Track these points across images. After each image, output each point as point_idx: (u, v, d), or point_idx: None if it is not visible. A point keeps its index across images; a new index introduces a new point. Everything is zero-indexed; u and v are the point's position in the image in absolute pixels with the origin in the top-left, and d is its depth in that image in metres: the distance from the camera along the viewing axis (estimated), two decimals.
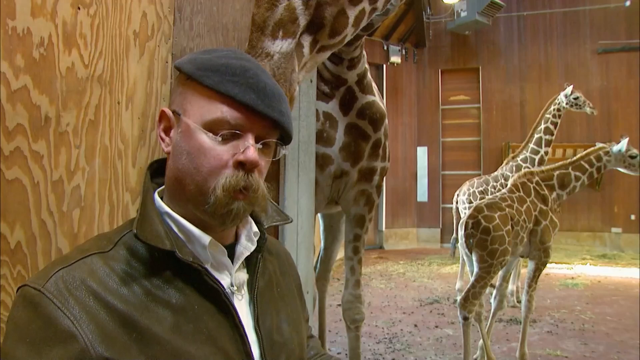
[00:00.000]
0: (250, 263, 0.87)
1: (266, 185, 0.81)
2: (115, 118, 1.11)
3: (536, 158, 5.58)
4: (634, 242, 9.42)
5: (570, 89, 5.65)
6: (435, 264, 8.32)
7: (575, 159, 3.64)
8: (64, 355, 0.63)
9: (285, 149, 0.85)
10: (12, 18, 0.90)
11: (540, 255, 3.43)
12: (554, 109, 5.64)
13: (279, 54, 1.02)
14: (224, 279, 0.80)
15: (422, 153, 11.06)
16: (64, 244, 1.01)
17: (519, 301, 5.27)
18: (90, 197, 1.06)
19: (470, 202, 5.80)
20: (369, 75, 2.40)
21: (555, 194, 3.52)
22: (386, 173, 2.56)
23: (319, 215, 3.00)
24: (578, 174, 3.57)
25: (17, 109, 0.91)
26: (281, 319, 0.88)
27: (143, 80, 1.19)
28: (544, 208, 3.43)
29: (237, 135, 0.76)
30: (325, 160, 2.29)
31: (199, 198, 0.76)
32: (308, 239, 1.78)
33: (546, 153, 5.62)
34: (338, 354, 3.88)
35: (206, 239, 0.78)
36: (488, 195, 5.63)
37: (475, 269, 3.22)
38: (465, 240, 3.28)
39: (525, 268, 3.73)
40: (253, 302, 0.83)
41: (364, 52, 2.28)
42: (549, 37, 10.53)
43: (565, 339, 4.29)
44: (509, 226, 3.20)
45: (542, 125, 5.64)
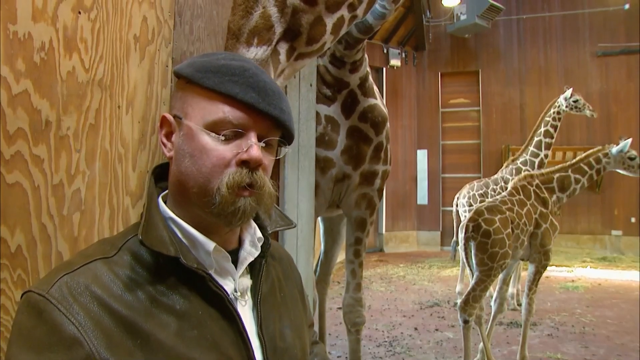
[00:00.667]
0: (253, 268, 0.87)
1: (273, 184, 0.81)
2: (115, 122, 1.11)
3: (536, 161, 5.59)
4: (634, 245, 9.41)
5: (570, 92, 5.65)
6: (435, 267, 8.31)
7: (574, 161, 3.65)
8: None
9: (288, 148, 0.86)
10: (13, 23, 0.89)
11: (541, 258, 3.43)
12: (553, 112, 5.64)
13: (254, 60, 1.02)
14: (227, 285, 0.80)
15: (422, 156, 11.06)
16: (64, 248, 1.01)
17: (520, 304, 5.26)
18: (91, 201, 1.06)
19: (471, 205, 5.79)
20: (371, 78, 2.40)
21: (555, 197, 3.53)
22: (388, 176, 2.56)
23: (318, 218, 3.00)
24: (578, 176, 3.57)
25: (18, 113, 0.91)
26: (284, 324, 0.88)
27: (143, 84, 1.19)
28: (544, 211, 3.43)
29: (240, 134, 0.76)
30: (326, 163, 2.29)
31: (204, 199, 0.75)
32: (308, 243, 1.78)
33: (546, 156, 5.63)
34: (338, 357, 3.87)
35: (210, 245, 0.78)
36: (488, 198, 5.64)
37: (476, 272, 3.22)
38: (465, 244, 3.28)
39: (525, 271, 3.73)
40: (256, 308, 0.83)
41: (366, 56, 2.28)
42: (548, 40, 10.55)
43: (566, 342, 4.28)
44: (509, 229, 3.20)
45: (542, 128, 5.64)
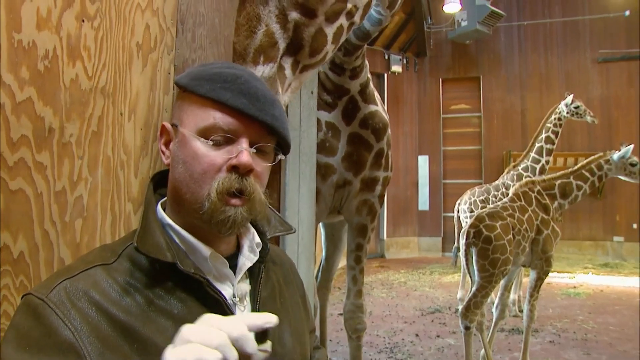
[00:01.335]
0: (252, 274, 0.87)
1: (265, 192, 0.82)
2: (117, 129, 1.12)
3: (537, 167, 5.58)
4: (636, 251, 9.38)
5: (571, 98, 5.65)
6: (436, 273, 8.29)
7: (576, 168, 3.65)
8: None
9: (281, 155, 0.85)
10: (18, 31, 0.90)
11: (542, 265, 3.42)
12: (554, 118, 5.64)
13: (262, 79, 1.03)
14: (226, 290, 0.80)
15: (424, 162, 11.06)
16: (67, 254, 1.02)
17: (521, 311, 5.23)
18: (93, 208, 1.07)
19: (472, 211, 5.79)
20: (372, 84, 2.40)
21: (557, 203, 3.52)
22: (389, 182, 2.56)
23: (320, 224, 3.00)
24: (580, 183, 3.57)
25: (22, 121, 0.92)
26: (284, 329, 0.88)
27: (145, 92, 1.20)
28: (546, 217, 3.43)
29: (231, 140, 0.77)
30: (327, 169, 2.29)
31: (194, 205, 0.76)
32: (309, 249, 1.78)
33: (547, 162, 5.62)
34: None
35: (207, 252, 0.78)
36: (489, 204, 5.63)
37: (477, 279, 3.21)
38: (466, 250, 3.28)
39: (527, 277, 3.72)
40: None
41: (366, 62, 2.29)
42: (549, 47, 10.57)
43: (568, 349, 4.26)
44: (511, 235, 3.19)
45: (543, 135, 5.64)
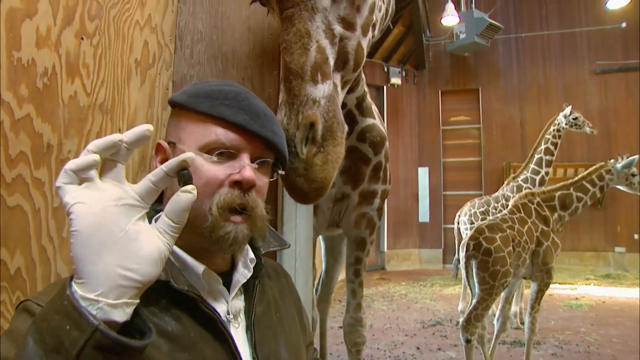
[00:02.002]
0: (247, 290, 0.87)
1: (266, 207, 0.82)
2: None
3: (537, 178, 5.58)
4: (638, 262, 9.31)
5: (569, 109, 5.68)
6: (437, 285, 8.24)
7: (576, 179, 3.63)
8: None
9: (282, 170, 0.86)
10: (18, 49, 0.92)
11: (543, 277, 3.40)
12: (553, 130, 5.66)
13: (324, 98, 0.99)
14: (220, 307, 0.80)
15: (423, 174, 11.07)
16: (64, 270, 1.02)
17: (522, 323, 5.20)
18: None
19: (472, 223, 5.77)
20: (369, 98, 2.41)
21: (556, 215, 3.51)
22: (387, 195, 2.55)
23: (320, 237, 3.00)
24: (580, 194, 3.55)
25: (20, 137, 0.93)
26: (280, 344, 0.87)
27: (144, 107, 1.21)
28: (546, 229, 3.42)
29: (233, 155, 0.77)
30: None
31: (196, 222, 0.76)
32: (306, 264, 1.78)
33: (547, 173, 5.62)
34: None
35: (200, 268, 0.78)
36: (489, 215, 5.62)
37: (477, 291, 3.19)
38: (466, 262, 3.26)
39: (528, 289, 3.70)
40: (251, 329, 0.83)
41: (363, 75, 2.30)
42: (547, 58, 10.64)
43: None
44: (510, 247, 3.18)
45: (542, 146, 5.65)
